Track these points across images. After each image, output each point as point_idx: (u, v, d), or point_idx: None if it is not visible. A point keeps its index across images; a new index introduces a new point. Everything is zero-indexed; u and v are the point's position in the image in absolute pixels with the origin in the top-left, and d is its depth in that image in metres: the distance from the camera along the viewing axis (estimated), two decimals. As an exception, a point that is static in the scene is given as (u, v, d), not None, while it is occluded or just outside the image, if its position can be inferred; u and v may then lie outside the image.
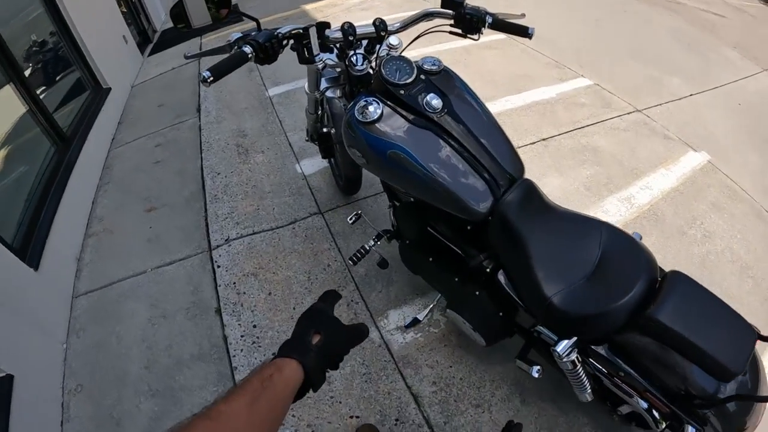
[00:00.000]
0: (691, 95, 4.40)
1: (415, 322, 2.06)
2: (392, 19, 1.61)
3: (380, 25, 1.50)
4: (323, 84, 1.81)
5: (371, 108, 1.40)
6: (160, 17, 8.90)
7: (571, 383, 1.47)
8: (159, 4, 9.00)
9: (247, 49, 1.24)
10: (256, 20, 1.40)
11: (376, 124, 1.40)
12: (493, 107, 3.70)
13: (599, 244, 1.35)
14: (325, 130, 2.15)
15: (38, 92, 3.21)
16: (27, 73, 3.22)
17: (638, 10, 6.56)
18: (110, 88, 4.34)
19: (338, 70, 1.73)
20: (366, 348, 2.04)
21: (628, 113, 3.81)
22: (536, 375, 1.54)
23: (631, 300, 1.20)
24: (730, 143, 3.89)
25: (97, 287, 2.48)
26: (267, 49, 1.29)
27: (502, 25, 1.55)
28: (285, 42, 1.38)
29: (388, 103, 1.43)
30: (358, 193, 2.71)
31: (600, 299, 1.24)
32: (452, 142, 1.39)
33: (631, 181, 3.07)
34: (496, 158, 1.41)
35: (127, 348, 2.16)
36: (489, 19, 1.53)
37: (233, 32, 1.38)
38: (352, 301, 2.20)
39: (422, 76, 1.47)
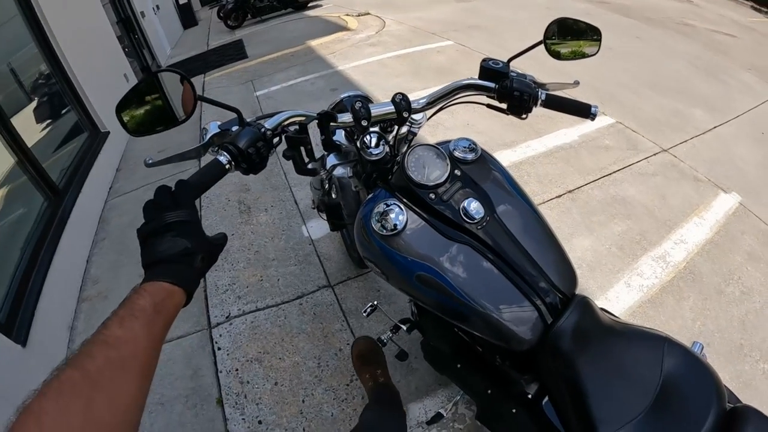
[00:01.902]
0: (714, 128, 4.24)
1: (439, 417, 1.83)
2: (404, 56, 1.33)
3: (401, 103, 1.18)
4: (330, 161, 1.52)
5: (392, 216, 1.11)
6: (165, 51, 8.85)
7: None
8: (164, 37, 8.95)
9: (223, 158, 0.88)
10: (236, 110, 0.98)
11: (399, 237, 1.12)
12: (514, 155, 3.55)
13: (660, 366, 1.15)
14: (334, 200, 1.91)
15: (29, 138, 3.04)
16: (16, 117, 3.04)
17: (652, 36, 6.45)
18: (109, 132, 4.19)
19: (346, 144, 1.45)
20: None
21: (655, 154, 3.63)
22: None
23: None
24: (758, 180, 3.74)
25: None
26: (250, 156, 0.92)
27: (557, 103, 1.22)
28: (276, 140, 1.03)
29: (414, 208, 1.15)
30: None
31: None
32: (494, 257, 1.13)
33: (664, 236, 2.88)
34: (546, 273, 1.16)
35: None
36: (542, 96, 1.21)
37: (211, 121, 1.03)
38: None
39: (457, 172, 1.18)
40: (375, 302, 1.82)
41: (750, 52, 6.64)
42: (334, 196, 1.90)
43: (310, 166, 1.18)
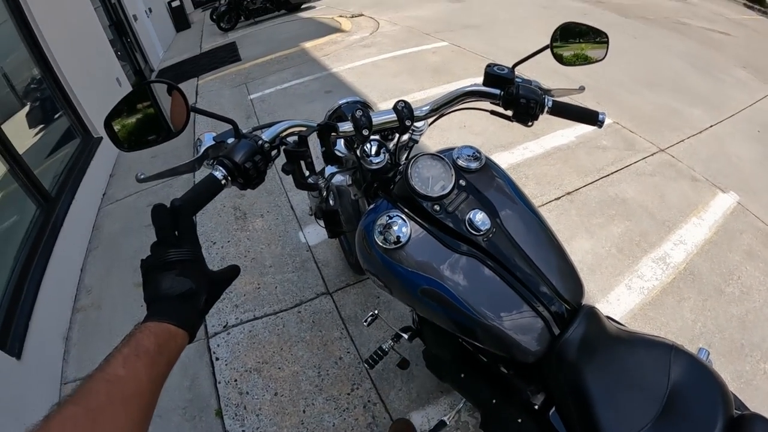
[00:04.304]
0: (711, 126, 4.25)
1: (442, 425, 1.80)
2: (399, 57, 1.29)
3: (404, 111, 1.13)
4: (329, 169, 1.48)
5: (395, 228, 1.07)
6: (157, 55, 8.78)
7: None
8: (156, 40, 8.88)
9: (219, 173, 0.83)
10: (232, 122, 0.93)
11: (402, 251, 1.08)
12: (512, 156, 3.53)
13: (668, 374, 1.14)
14: (332, 207, 1.87)
15: (20, 144, 2.99)
16: (6, 124, 2.99)
17: (648, 35, 6.45)
18: (101, 137, 4.13)
19: (345, 153, 1.41)
20: None
21: (652, 154, 3.63)
22: None
23: None
24: (755, 178, 3.74)
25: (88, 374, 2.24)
26: (247, 171, 0.87)
27: (564, 110, 1.20)
28: (275, 152, 0.98)
29: (418, 220, 1.11)
30: None
31: None
32: (500, 269, 1.10)
33: (664, 236, 2.87)
34: (553, 284, 1.14)
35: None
36: (549, 103, 1.18)
37: (206, 132, 0.99)
38: (369, 401, 1.96)
39: (462, 182, 1.14)
40: (376, 311, 1.78)
41: (744, 50, 6.67)
42: (332, 203, 1.87)
43: (310, 180, 1.14)
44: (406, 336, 1.69)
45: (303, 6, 10.72)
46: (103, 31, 5.52)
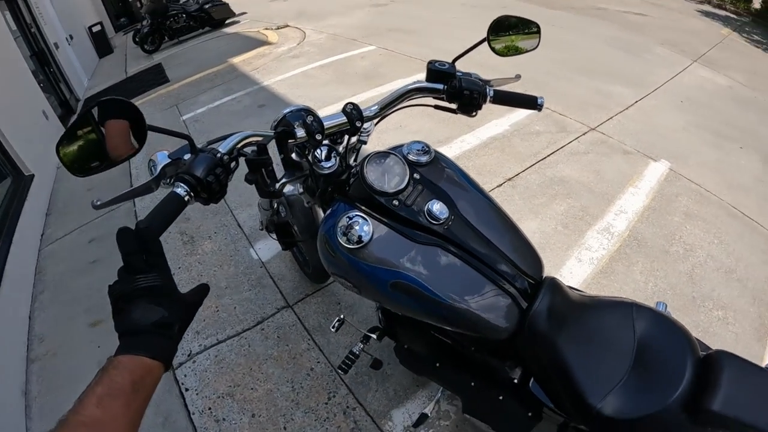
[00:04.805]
0: (637, 102, 4.49)
1: (423, 418, 1.83)
2: (328, 64, 1.31)
3: (353, 113, 1.17)
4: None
5: (357, 228, 1.09)
6: (82, 83, 8.42)
7: None
8: (80, 68, 8.52)
9: (181, 190, 0.81)
10: (187, 137, 0.90)
11: (367, 249, 1.09)
12: (450, 150, 3.61)
13: (633, 330, 1.23)
14: (283, 218, 1.87)
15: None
16: None
17: (572, 24, 6.74)
18: (33, 175, 3.92)
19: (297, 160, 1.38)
20: None
21: (584, 134, 3.80)
22: None
23: (683, 393, 1.11)
24: (683, 144, 3.98)
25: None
26: (210, 185, 0.85)
27: (506, 97, 1.27)
28: (234, 164, 0.97)
29: (378, 216, 1.13)
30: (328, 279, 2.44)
31: (652, 399, 1.13)
32: (464, 254, 1.14)
33: (605, 209, 3.02)
34: (514, 262, 1.20)
35: None
36: (490, 92, 1.25)
37: (158, 152, 0.95)
38: (348, 407, 1.95)
39: (416, 175, 1.18)
40: (341, 316, 1.78)
41: (661, 28, 7.08)
42: (283, 214, 1.86)
43: (276, 186, 1.15)
44: (374, 336, 1.70)
45: (227, 21, 10.51)
46: (24, 62, 5.25)
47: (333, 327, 1.76)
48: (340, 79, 5.23)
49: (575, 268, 2.56)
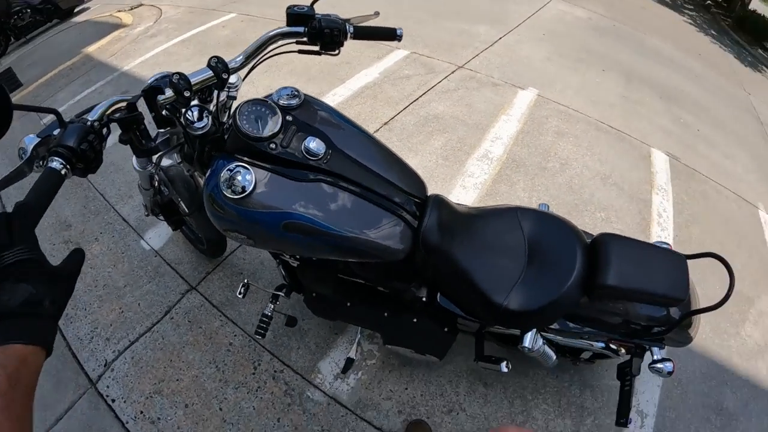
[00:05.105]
0: (500, 38, 4.70)
1: (350, 362, 1.91)
2: (189, 39, 1.23)
3: (218, 66, 1.14)
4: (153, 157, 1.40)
5: (239, 178, 1.07)
6: None
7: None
8: None
9: (56, 164, 0.79)
10: (54, 111, 0.88)
11: (253, 196, 1.08)
12: (325, 105, 3.54)
13: (522, 231, 1.35)
14: (166, 199, 1.80)
15: None
16: None
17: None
18: None
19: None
20: (317, 414, 1.83)
21: (453, 72, 3.94)
22: (506, 370, 1.50)
23: (577, 276, 1.24)
24: (548, 72, 4.22)
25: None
26: (85, 153, 0.84)
27: (366, 32, 1.30)
28: (106, 131, 0.95)
29: (258, 163, 1.12)
30: (225, 251, 2.37)
31: (550, 287, 1.26)
32: (348, 186, 1.17)
33: (481, 138, 3.15)
34: (398, 185, 1.24)
35: None
36: (350, 29, 1.27)
37: (25, 137, 0.91)
38: (275, 371, 1.94)
39: (288, 117, 1.17)
40: (246, 280, 1.78)
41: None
42: (166, 192, 1.79)
43: (154, 143, 1.14)
44: (282, 293, 1.72)
45: (76, 10, 9.54)
46: None
47: (239, 293, 1.76)
48: (202, 52, 4.94)
49: (461, 195, 2.64)
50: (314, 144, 1.13)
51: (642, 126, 3.80)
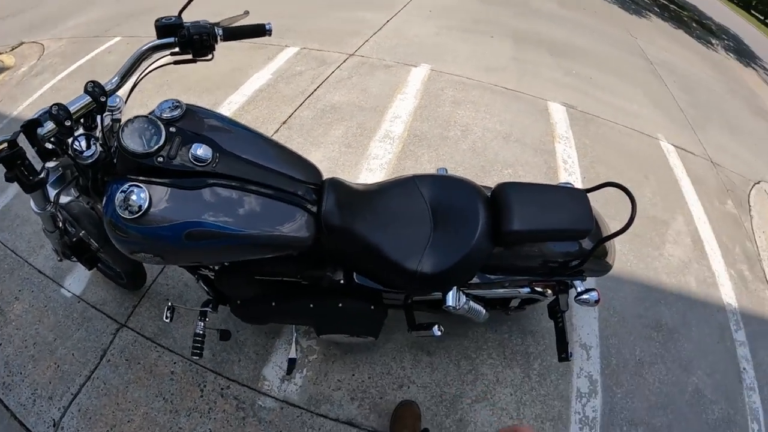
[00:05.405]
0: (387, 22, 4.80)
1: (292, 362, 1.96)
2: (75, 71, 1.20)
3: (95, 90, 1.12)
4: (51, 192, 1.36)
5: (134, 197, 1.08)
6: None
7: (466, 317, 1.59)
8: None
9: None
10: None
11: (150, 213, 1.10)
12: (222, 113, 3.47)
13: (422, 197, 1.41)
14: (74, 238, 1.74)
15: None
16: None
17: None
18: None
19: (58, 164, 1.33)
20: (273, 420, 1.87)
21: (344, 61, 4.00)
22: (439, 333, 1.57)
23: (483, 229, 1.31)
24: (437, 47, 4.36)
25: None
26: None
27: (235, 32, 1.33)
28: None
29: (151, 179, 1.13)
30: (147, 280, 2.33)
31: (459, 245, 1.31)
32: (243, 185, 1.21)
33: (380, 119, 3.26)
34: (291, 176, 1.29)
35: None
36: (219, 32, 1.29)
37: None
38: (222, 388, 1.96)
39: (172, 129, 1.18)
40: (170, 303, 1.77)
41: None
42: (72, 231, 1.76)
43: (40, 176, 1.12)
44: (209, 309, 1.74)
45: None
46: None
47: (166, 318, 1.75)
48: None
49: (369, 177, 2.73)
50: (201, 150, 1.15)
51: (536, 83, 4.04)
